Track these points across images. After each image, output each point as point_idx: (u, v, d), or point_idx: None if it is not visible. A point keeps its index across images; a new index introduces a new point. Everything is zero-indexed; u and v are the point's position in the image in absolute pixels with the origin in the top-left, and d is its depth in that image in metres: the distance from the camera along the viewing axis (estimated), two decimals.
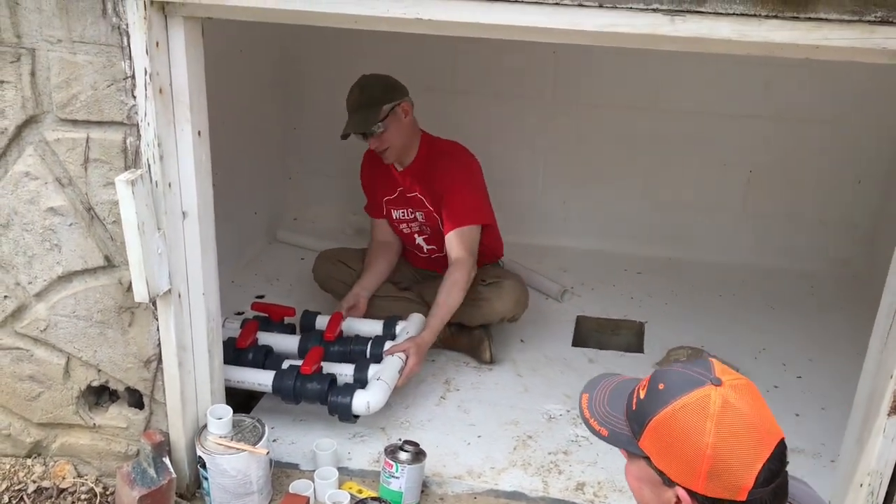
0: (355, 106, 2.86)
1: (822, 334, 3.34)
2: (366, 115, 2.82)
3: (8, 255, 2.13)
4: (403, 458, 2.26)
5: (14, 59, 1.93)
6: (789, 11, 1.62)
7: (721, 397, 1.26)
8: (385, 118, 2.82)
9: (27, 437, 2.35)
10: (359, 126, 2.84)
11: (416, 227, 3.12)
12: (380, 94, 2.84)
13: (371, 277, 3.08)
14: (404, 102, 2.88)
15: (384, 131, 2.84)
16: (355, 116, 2.85)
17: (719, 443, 1.24)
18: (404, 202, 3.07)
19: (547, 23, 1.70)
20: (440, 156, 2.96)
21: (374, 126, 2.82)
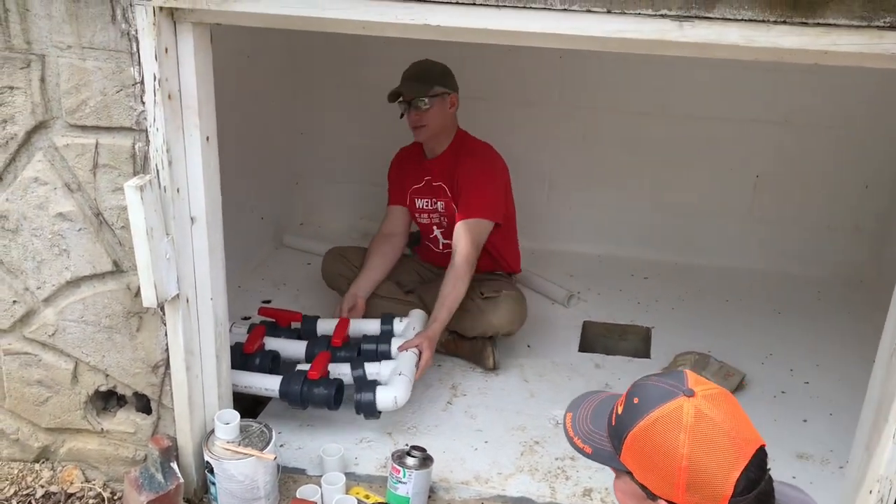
0: (412, 75, 2.96)
1: (829, 339, 3.33)
2: (419, 86, 2.91)
3: (17, 260, 2.14)
4: (411, 464, 2.26)
5: (24, 65, 1.94)
6: (798, 17, 1.61)
7: (694, 408, 1.26)
8: (434, 96, 2.91)
9: (35, 441, 2.35)
10: (409, 90, 2.92)
11: (436, 219, 3.14)
12: (438, 76, 2.95)
13: (367, 277, 3.10)
14: (454, 95, 2.98)
15: (429, 108, 2.91)
16: (409, 83, 2.94)
17: (694, 453, 1.24)
18: (429, 191, 3.10)
19: (555, 28, 1.70)
20: (469, 151, 3.02)
21: (422, 98, 2.89)
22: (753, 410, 2.88)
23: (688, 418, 1.26)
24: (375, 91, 3.97)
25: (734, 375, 2.95)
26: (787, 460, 2.58)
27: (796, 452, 2.62)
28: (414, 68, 2.99)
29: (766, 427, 2.84)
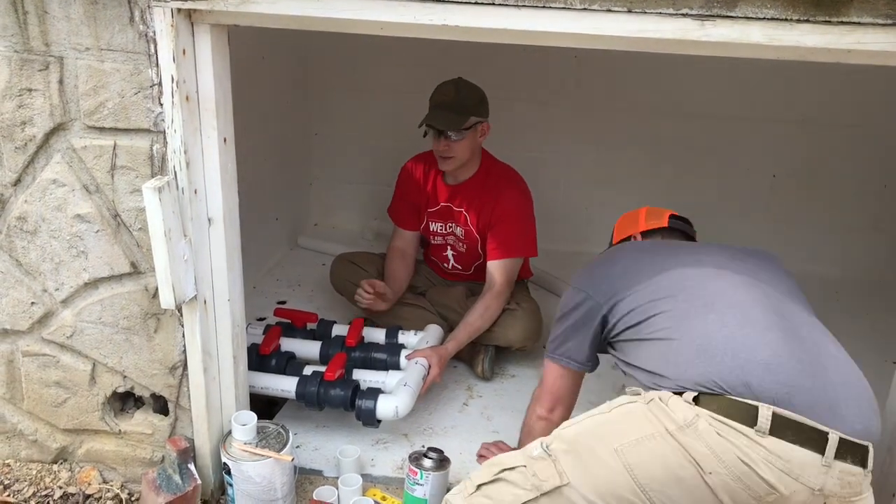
0: (446, 104, 2.82)
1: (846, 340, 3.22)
2: (454, 118, 2.80)
3: (35, 261, 2.14)
4: (428, 466, 2.25)
5: (43, 67, 1.94)
6: (821, 15, 1.60)
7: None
8: (468, 128, 2.82)
9: (53, 442, 2.36)
10: (443, 123, 2.80)
11: (452, 241, 3.12)
12: (473, 105, 2.84)
13: (396, 285, 3.06)
14: (487, 123, 2.89)
15: (460, 140, 2.83)
16: (443, 113, 2.81)
17: (645, 209, 2.26)
18: (448, 216, 3.06)
19: (575, 28, 1.69)
20: (500, 180, 2.95)
21: (457, 132, 2.80)
22: None
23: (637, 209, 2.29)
24: (389, 92, 4.00)
25: None
26: None
27: None
28: (448, 94, 2.84)
29: None
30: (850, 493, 1.52)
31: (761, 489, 1.49)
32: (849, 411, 1.54)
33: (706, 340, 1.64)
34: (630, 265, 1.94)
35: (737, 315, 1.67)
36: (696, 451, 1.52)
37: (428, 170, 3.06)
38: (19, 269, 2.16)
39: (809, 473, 1.48)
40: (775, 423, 1.49)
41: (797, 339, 1.64)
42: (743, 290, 1.75)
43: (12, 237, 2.13)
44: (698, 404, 1.56)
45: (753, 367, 1.55)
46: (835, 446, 1.49)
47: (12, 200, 2.09)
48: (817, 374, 1.57)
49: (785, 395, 1.52)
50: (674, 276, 1.83)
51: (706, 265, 1.85)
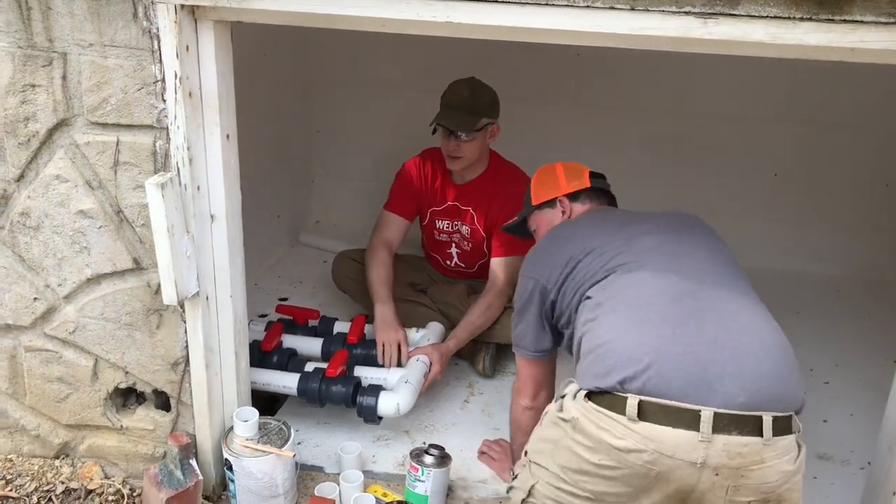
0: (460, 104, 2.82)
1: (848, 340, 3.31)
2: (467, 120, 2.80)
3: (38, 257, 2.15)
4: (429, 462, 2.26)
5: (46, 63, 1.94)
6: (824, 14, 1.60)
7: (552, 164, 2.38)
8: (479, 130, 2.83)
9: (55, 438, 2.36)
10: (455, 124, 2.80)
11: (457, 239, 3.11)
12: (486, 106, 2.85)
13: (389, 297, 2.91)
14: (497, 124, 2.90)
15: (471, 141, 2.83)
16: (456, 113, 2.81)
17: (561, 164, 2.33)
18: (455, 215, 3.06)
19: (578, 26, 1.69)
20: (508, 180, 2.95)
21: (468, 133, 2.81)
22: None
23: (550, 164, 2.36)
24: (391, 89, 4.00)
25: None
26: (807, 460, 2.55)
27: (816, 453, 2.60)
28: (463, 94, 2.83)
29: None
30: (743, 464, 1.60)
31: (641, 468, 1.63)
32: (732, 386, 1.62)
33: (602, 341, 1.77)
34: (571, 248, 2.01)
35: (636, 312, 1.78)
36: (583, 445, 1.70)
37: (435, 168, 3.06)
38: (22, 264, 2.17)
39: (685, 450, 1.60)
40: (645, 409, 1.63)
41: (694, 323, 1.73)
42: (660, 277, 1.84)
43: (15, 233, 2.13)
44: (591, 400, 1.72)
45: (631, 364, 1.68)
46: (709, 422, 1.59)
47: (15, 196, 2.10)
48: (699, 358, 1.66)
49: (654, 385, 1.64)
50: (604, 262, 1.92)
51: (635, 248, 1.93)
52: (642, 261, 1.88)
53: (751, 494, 1.62)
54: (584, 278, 1.93)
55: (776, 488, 1.63)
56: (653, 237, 1.97)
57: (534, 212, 2.33)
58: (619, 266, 1.89)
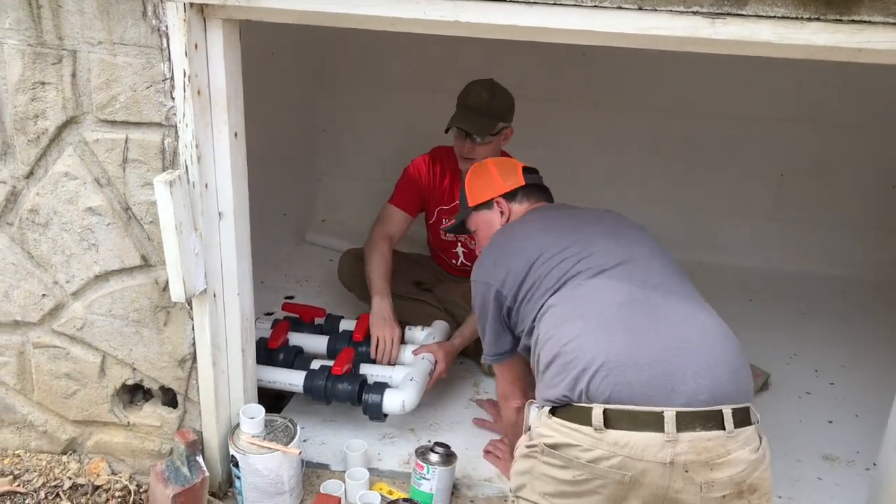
0: (479, 108, 2.83)
1: (854, 340, 3.31)
2: (485, 124, 2.81)
3: (46, 253, 2.16)
4: (434, 460, 2.27)
5: (56, 60, 1.95)
6: (832, 14, 1.60)
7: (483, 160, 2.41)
8: (496, 133, 2.83)
9: (63, 434, 2.37)
10: (472, 127, 2.81)
11: (463, 238, 3.11)
12: (504, 110, 2.86)
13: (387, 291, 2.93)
14: (511, 127, 2.91)
15: (486, 144, 2.83)
16: (475, 117, 2.81)
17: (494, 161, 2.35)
18: None
19: (586, 25, 1.70)
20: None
21: (485, 137, 2.81)
22: (779, 411, 2.90)
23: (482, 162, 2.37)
24: (398, 88, 4.00)
25: (759, 376, 2.93)
26: (812, 461, 2.56)
27: (822, 453, 2.60)
28: (483, 98, 2.83)
29: (791, 427, 2.85)
30: (711, 458, 1.64)
31: (615, 475, 1.66)
32: (696, 384, 1.67)
33: (565, 350, 1.79)
34: (523, 253, 2.02)
35: (597, 320, 1.80)
36: (556, 465, 1.73)
37: (444, 167, 3.06)
38: (31, 261, 2.18)
39: (653, 451, 1.63)
40: (610, 417, 1.66)
41: (652, 326, 1.77)
42: (616, 284, 1.88)
43: (24, 229, 2.14)
44: (554, 415, 1.76)
45: (590, 374, 1.71)
46: (672, 421, 1.63)
47: (24, 193, 2.11)
48: (660, 361, 1.70)
49: (617, 393, 1.68)
50: (563, 270, 1.94)
51: (589, 254, 1.94)
52: (598, 267, 1.92)
53: (724, 488, 1.66)
54: (543, 285, 1.94)
55: (746, 477, 1.68)
56: (604, 241, 1.99)
57: (471, 213, 2.31)
58: (578, 273, 1.91)
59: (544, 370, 1.82)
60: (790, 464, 2.54)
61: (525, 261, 1.99)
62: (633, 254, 1.97)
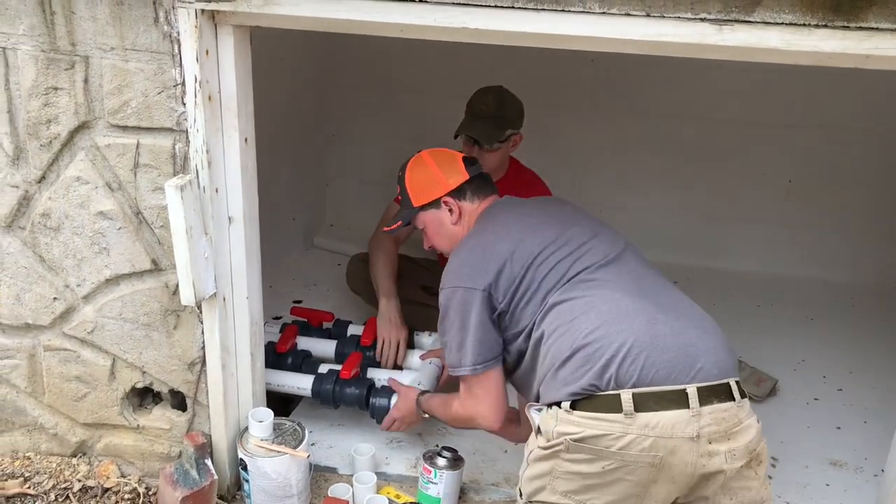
0: (486, 115, 2.81)
1: (862, 346, 3.30)
2: (492, 131, 2.79)
3: (58, 257, 2.18)
4: (442, 464, 2.27)
5: (68, 66, 1.97)
6: (839, 21, 1.61)
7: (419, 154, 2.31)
8: (504, 141, 2.82)
9: (73, 436, 2.39)
10: (480, 136, 2.79)
11: None
12: (513, 117, 2.83)
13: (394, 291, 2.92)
14: (520, 133, 2.89)
15: (494, 151, 2.82)
16: (482, 125, 2.80)
17: (431, 154, 2.27)
18: None
19: (593, 32, 1.71)
20: (528, 185, 2.92)
21: (493, 144, 2.80)
22: (786, 416, 2.89)
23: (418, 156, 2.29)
24: (406, 93, 4.02)
25: (767, 381, 2.93)
26: (820, 467, 2.56)
27: (830, 459, 2.60)
28: (490, 105, 2.81)
29: (799, 433, 2.85)
30: (729, 427, 1.74)
31: (646, 458, 1.70)
32: (707, 361, 1.77)
33: (587, 341, 1.80)
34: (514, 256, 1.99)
35: (606, 311, 1.85)
36: (582, 461, 1.74)
37: None
38: (42, 264, 2.20)
39: (681, 427, 1.70)
40: (637, 400, 1.71)
41: (659, 311, 1.85)
42: (618, 276, 1.94)
43: (36, 233, 2.16)
44: (575, 409, 1.76)
45: (619, 360, 1.75)
46: (695, 396, 1.71)
47: (36, 197, 2.13)
48: (676, 341, 1.79)
49: (644, 376, 1.74)
50: (563, 269, 1.95)
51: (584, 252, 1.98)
52: (594, 263, 1.96)
53: (742, 456, 1.75)
54: (542, 286, 1.94)
55: (756, 445, 1.78)
56: (589, 239, 2.02)
57: (417, 212, 2.24)
58: (579, 272, 1.94)
59: (560, 366, 1.81)
60: (798, 469, 2.53)
61: (519, 265, 1.97)
62: (616, 248, 2.03)
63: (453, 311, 2.01)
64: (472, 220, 2.18)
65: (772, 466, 2.51)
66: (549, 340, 1.88)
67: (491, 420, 2.07)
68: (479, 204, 2.21)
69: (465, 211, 2.20)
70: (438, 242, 2.26)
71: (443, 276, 2.07)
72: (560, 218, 2.11)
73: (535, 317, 1.94)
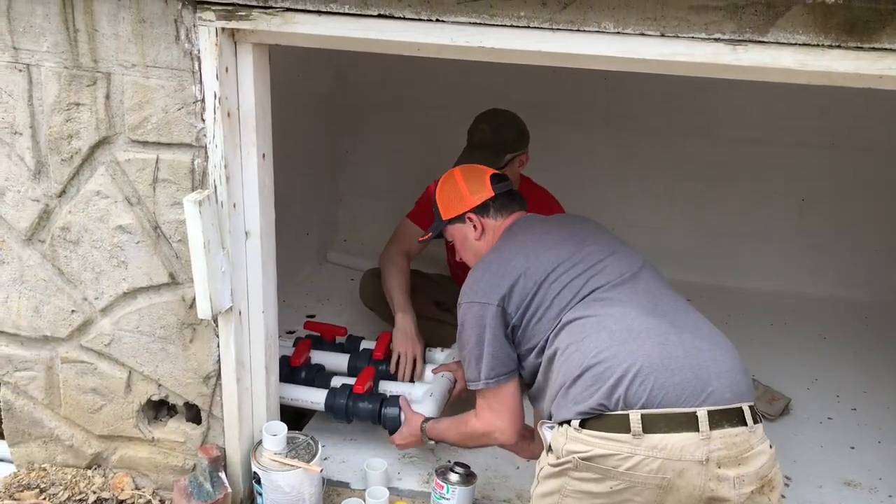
0: (482, 143, 2.81)
1: (876, 366, 3.28)
2: (489, 159, 2.71)
3: (77, 270, 2.20)
4: (454, 480, 2.28)
5: (90, 82, 2.01)
6: (853, 41, 1.62)
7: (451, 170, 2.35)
8: (504, 166, 2.79)
9: (88, 448, 2.41)
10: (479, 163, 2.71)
11: None
12: (511, 141, 2.82)
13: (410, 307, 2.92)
14: (525, 154, 2.87)
15: None
16: (479, 154, 2.74)
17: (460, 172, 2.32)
18: None
19: (608, 51, 1.73)
20: (540, 203, 2.88)
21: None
22: (800, 436, 2.88)
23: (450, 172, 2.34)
24: (419, 110, 4.04)
25: (780, 400, 2.92)
26: (834, 487, 2.54)
27: (844, 479, 2.58)
28: (485, 133, 2.81)
29: (812, 453, 2.83)
30: (739, 452, 1.73)
31: (653, 480, 1.70)
32: (719, 384, 1.77)
33: (597, 360, 1.81)
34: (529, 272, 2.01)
35: (618, 331, 1.85)
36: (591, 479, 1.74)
37: None
38: (61, 277, 2.22)
39: (690, 450, 1.70)
40: (647, 421, 1.71)
41: (673, 332, 1.85)
42: (632, 295, 1.95)
43: (55, 246, 2.19)
44: (585, 427, 1.77)
45: (628, 381, 1.76)
46: (706, 420, 1.71)
47: (57, 211, 2.16)
48: (688, 363, 1.78)
49: (654, 397, 1.74)
50: (577, 286, 1.97)
51: (599, 270, 2.00)
52: (609, 282, 1.97)
53: (752, 482, 1.74)
54: (556, 304, 1.96)
55: (768, 471, 1.77)
56: (605, 257, 2.04)
57: (445, 225, 2.32)
58: (592, 291, 1.95)
59: (570, 385, 1.83)
60: (812, 489, 2.52)
61: (532, 281, 2.00)
62: (632, 267, 2.04)
63: (469, 326, 2.05)
64: (496, 236, 2.21)
65: (785, 486, 2.50)
66: (560, 358, 1.89)
67: (507, 434, 2.10)
68: (504, 220, 2.24)
69: (489, 227, 2.23)
70: (465, 256, 2.30)
71: (461, 291, 2.11)
72: (580, 236, 2.12)
73: (549, 333, 1.95)
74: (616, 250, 2.08)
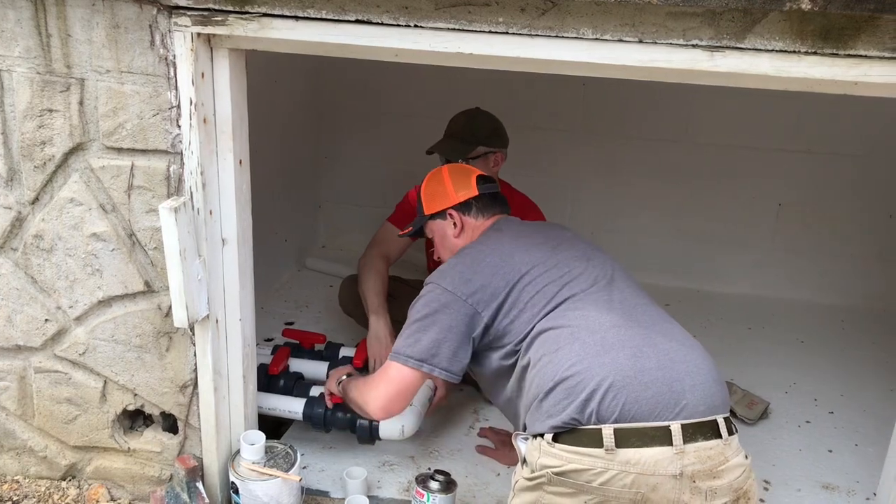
0: (455, 132, 2.86)
1: (853, 369, 3.31)
2: (458, 146, 2.81)
3: (50, 279, 2.17)
4: (434, 488, 2.26)
5: (64, 88, 1.98)
6: (829, 48, 1.63)
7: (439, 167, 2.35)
8: (475, 158, 2.81)
9: (63, 459, 2.37)
10: (446, 152, 2.83)
11: None
12: (482, 135, 2.84)
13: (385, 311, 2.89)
14: (500, 153, 2.88)
15: None
16: (451, 141, 2.84)
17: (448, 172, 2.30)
18: None
19: (587, 58, 1.73)
20: (520, 206, 2.88)
21: (462, 160, 2.78)
22: (778, 440, 2.90)
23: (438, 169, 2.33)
24: (398, 116, 4.04)
25: (759, 404, 2.94)
26: (812, 490, 2.56)
27: (822, 483, 2.59)
28: (459, 123, 2.88)
29: (791, 456, 2.85)
30: (714, 465, 1.72)
31: (627, 494, 1.69)
32: (693, 397, 1.75)
33: (570, 373, 1.79)
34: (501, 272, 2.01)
35: (591, 343, 1.83)
36: (564, 494, 1.74)
37: None
38: (34, 286, 2.19)
39: (664, 465, 1.69)
40: (620, 436, 1.70)
41: (647, 344, 1.84)
42: (606, 305, 1.93)
43: (28, 254, 2.16)
44: (558, 442, 1.76)
45: (600, 395, 1.74)
46: (679, 434, 1.70)
47: (30, 218, 2.13)
48: (662, 375, 1.77)
49: (626, 412, 1.72)
50: (550, 293, 1.96)
51: (573, 277, 1.99)
52: (583, 290, 1.97)
53: (725, 495, 1.73)
54: (529, 309, 1.95)
55: (742, 483, 1.76)
56: (580, 263, 2.04)
57: (427, 221, 2.32)
58: (566, 298, 1.94)
59: (543, 397, 1.81)
60: (790, 493, 2.53)
61: (504, 281, 1.99)
62: (607, 275, 2.03)
63: (424, 302, 2.05)
64: (474, 235, 2.22)
65: (764, 490, 2.52)
66: (534, 369, 1.88)
67: (373, 410, 2.12)
68: (485, 221, 2.24)
69: (469, 225, 2.24)
70: (443, 254, 2.29)
71: (433, 273, 2.12)
72: (555, 241, 2.12)
73: (521, 340, 1.94)
74: (591, 257, 2.08)
